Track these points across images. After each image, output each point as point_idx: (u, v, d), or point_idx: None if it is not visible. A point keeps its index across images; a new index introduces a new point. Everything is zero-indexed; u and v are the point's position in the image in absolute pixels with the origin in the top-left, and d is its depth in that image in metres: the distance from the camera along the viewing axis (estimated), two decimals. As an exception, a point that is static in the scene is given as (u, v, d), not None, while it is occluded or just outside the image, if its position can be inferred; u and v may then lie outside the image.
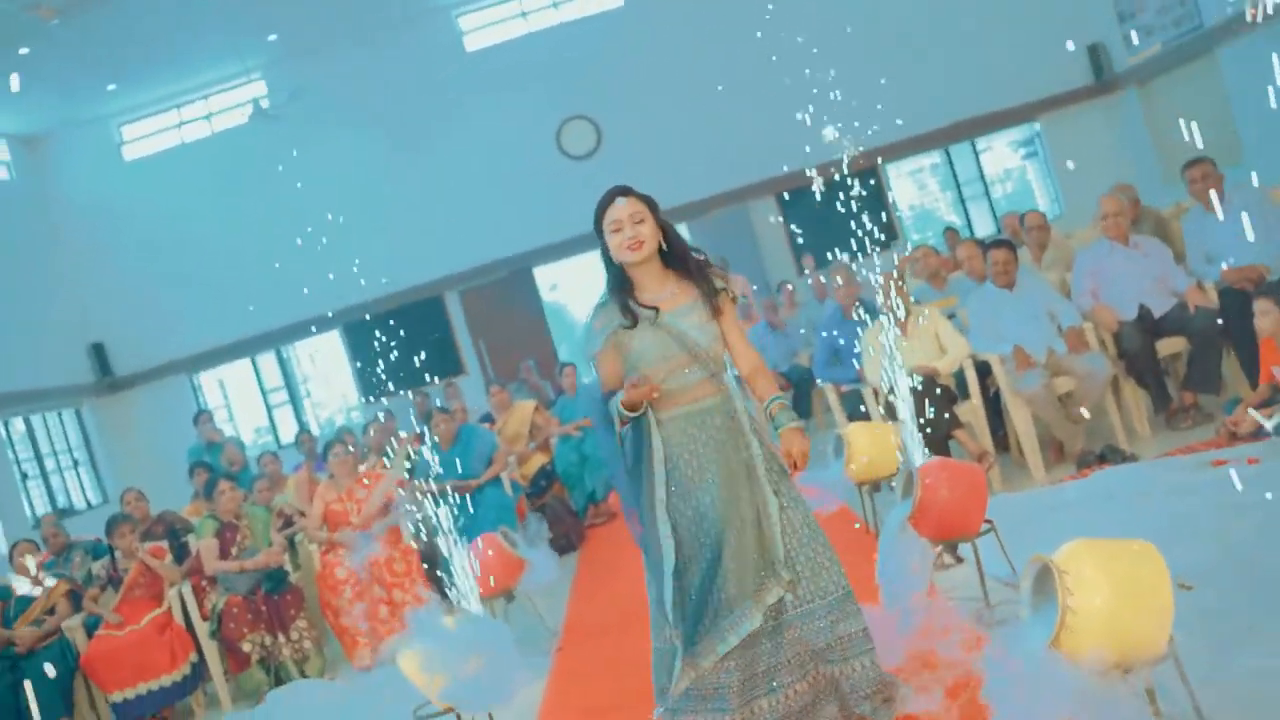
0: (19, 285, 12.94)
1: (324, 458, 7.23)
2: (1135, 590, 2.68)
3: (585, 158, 14.37)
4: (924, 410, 5.30)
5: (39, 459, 12.98)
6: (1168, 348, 6.25)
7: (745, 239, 14.29)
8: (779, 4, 13.05)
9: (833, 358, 7.19)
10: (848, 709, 3.14)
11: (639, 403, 3.10)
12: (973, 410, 6.23)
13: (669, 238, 3.29)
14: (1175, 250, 6.67)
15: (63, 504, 13.05)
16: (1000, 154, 15.50)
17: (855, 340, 6.69)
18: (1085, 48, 14.09)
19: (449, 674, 3.63)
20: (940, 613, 4.26)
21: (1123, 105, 14.05)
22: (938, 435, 5.76)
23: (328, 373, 15.47)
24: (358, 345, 14.36)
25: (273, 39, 13.76)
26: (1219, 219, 6.38)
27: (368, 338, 13.98)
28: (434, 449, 7.39)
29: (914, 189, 15.60)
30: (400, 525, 6.74)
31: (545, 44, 14.39)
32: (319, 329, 14.15)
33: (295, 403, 15.18)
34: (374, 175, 13.85)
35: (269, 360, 15.08)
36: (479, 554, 5.25)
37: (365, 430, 9.47)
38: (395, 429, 9.16)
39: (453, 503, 4.75)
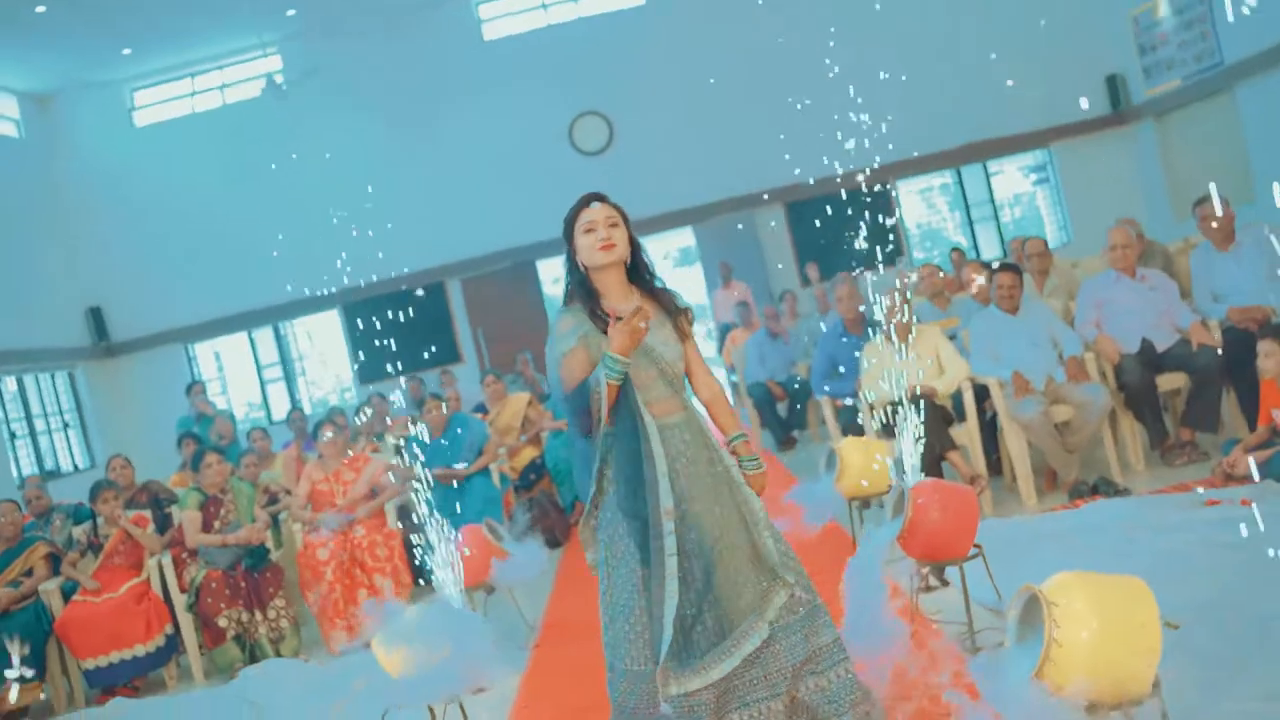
0: (20, 243, 12.90)
1: (314, 437, 7.19)
2: (1124, 627, 2.64)
3: (596, 154, 14.35)
4: (919, 429, 5.26)
5: (29, 419, 12.93)
6: (1168, 383, 6.22)
7: (750, 246, 14.26)
8: (800, 17, 13.08)
9: (831, 370, 7.16)
10: None
11: (632, 347, 2.97)
12: (968, 432, 6.20)
13: (636, 252, 3.24)
14: (1180, 286, 6.64)
15: (50, 466, 13.01)
16: (1011, 178, 15.48)
17: (855, 354, 6.65)
18: (1104, 77, 14.09)
19: (417, 661, 3.58)
20: (923, 636, 4.24)
21: (1138, 137, 14.04)
22: (932, 456, 5.72)
23: (324, 352, 15.43)
24: (356, 326, 14.33)
25: (291, 14, 13.72)
26: (1227, 257, 6.36)
27: (366, 319, 13.96)
28: (424, 436, 7.38)
29: (923, 207, 15.57)
30: (385, 510, 6.70)
31: (564, 37, 14.37)
32: (318, 308, 14.11)
33: (290, 380, 15.13)
34: (383, 158, 13.81)
35: (266, 335, 15.04)
36: (461, 544, 5.21)
37: (357, 412, 9.43)
38: (387, 413, 9.13)
39: (431, 486, 4.73)
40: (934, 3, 13.87)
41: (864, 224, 12.91)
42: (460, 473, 7.26)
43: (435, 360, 13.45)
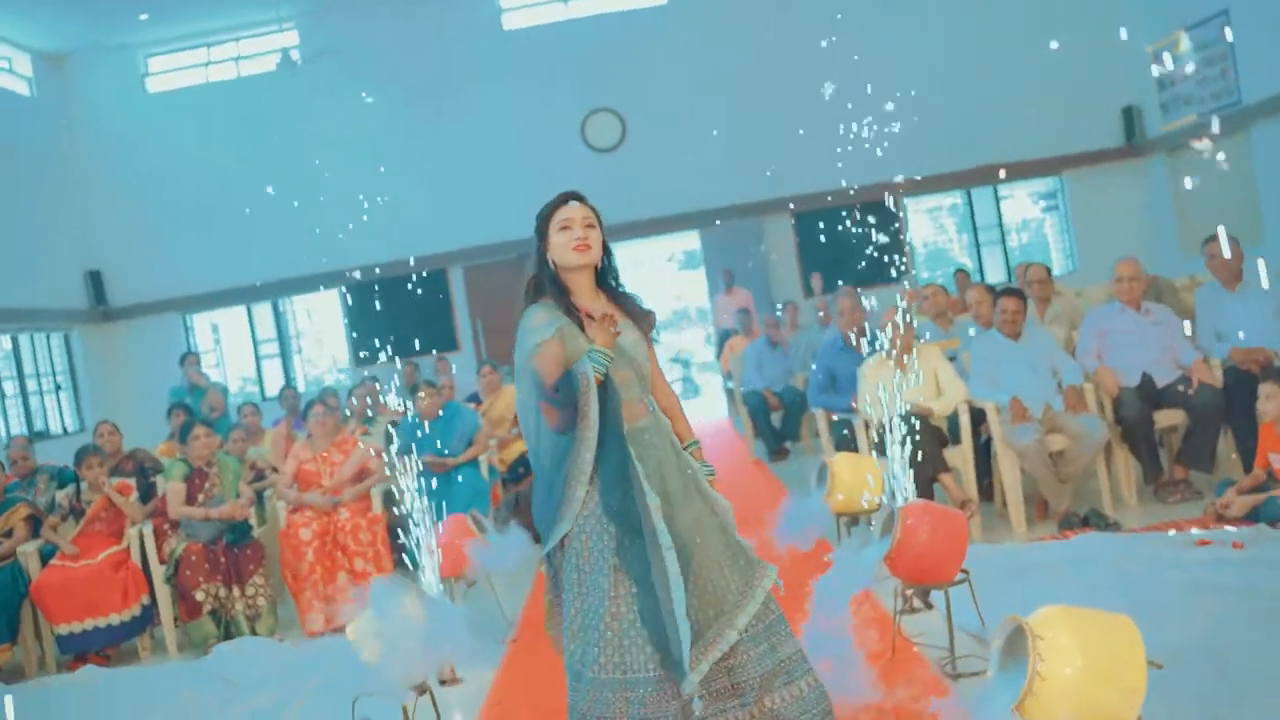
0: (24, 201, 12.84)
1: (304, 416, 7.14)
2: (1109, 666, 2.61)
3: (607, 151, 14.32)
4: (913, 449, 5.23)
5: (20, 379, 12.87)
6: (1166, 419, 6.18)
7: (756, 253, 14.23)
8: (821, 29, 13.03)
9: (828, 384, 7.13)
10: None
11: (612, 344, 2.97)
12: (962, 455, 6.16)
13: (607, 257, 3.20)
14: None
15: (39, 427, 12.95)
16: (1021, 203, 15.45)
17: (853, 369, 6.62)
18: (1120, 109, 14.06)
19: (387, 647, 3.55)
20: (904, 658, 4.20)
21: (1150, 171, 14.01)
22: (924, 477, 5.69)
23: (322, 331, 15.38)
24: (355, 307, 14.28)
25: (311, -10, 13.70)
26: (1233, 297, 6.33)
27: (366, 301, 13.90)
28: (416, 421, 7.34)
29: (930, 226, 15.54)
30: (371, 495, 6.66)
31: (583, 32, 14.33)
32: (319, 286, 14.05)
33: (285, 357, 15.09)
34: (394, 141, 13.76)
35: (265, 311, 14.99)
36: (445, 534, 5.18)
37: (350, 394, 9.39)
38: (380, 396, 9.09)
39: (421, 476, 4.70)
40: (956, 24, 13.82)
41: (871, 239, 12.88)
42: (449, 462, 7.21)
43: (432, 347, 13.40)
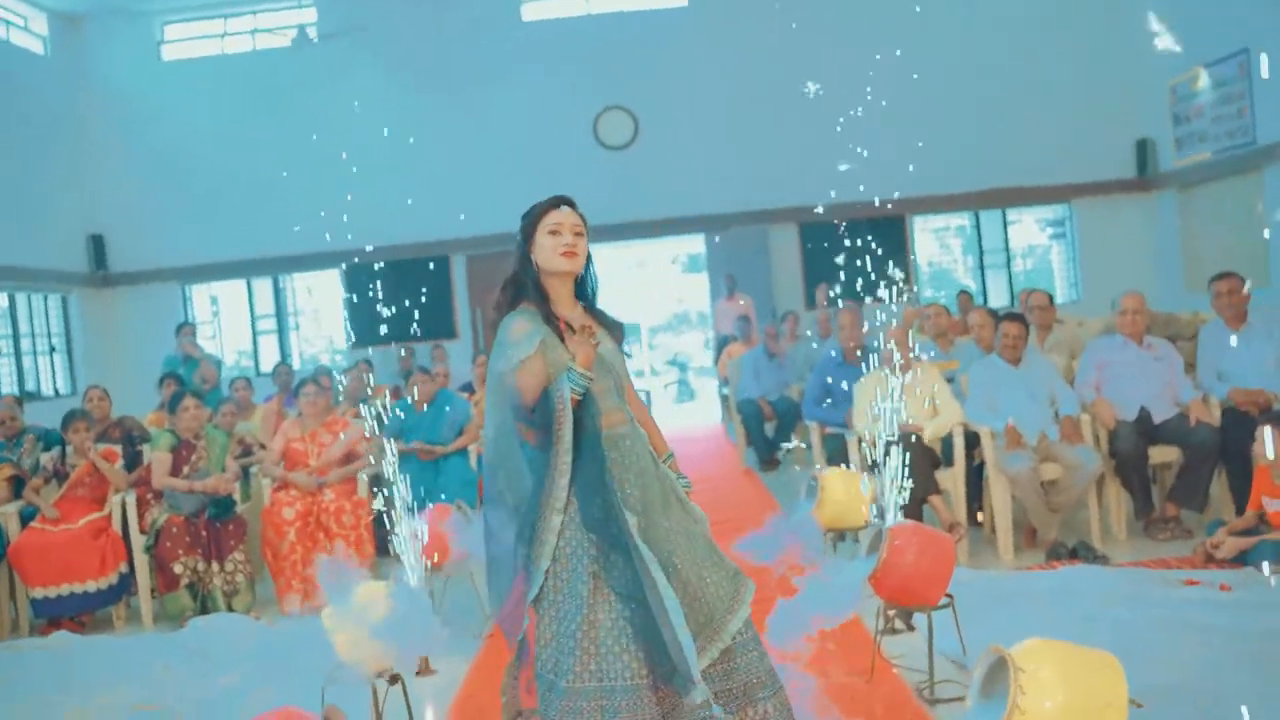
0: (31, 161, 12.79)
1: (296, 394, 7.10)
2: (1090, 702, 2.57)
3: (619, 149, 14.28)
4: (905, 469, 5.19)
5: (15, 339, 12.82)
6: (1160, 455, 6.14)
7: (760, 262, 14.20)
8: (839, 43, 13.01)
9: (824, 397, 7.10)
10: None
11: (592, 360, 2.91)
12: (953, 478, 6.12)
13: (590, 270, 3.16)
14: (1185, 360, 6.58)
15: (30, 388, 12.90)
16: (1028, 229, 15.43)
17: (850, 384, 6.58)
18: (1134, 141, 14.03)
19: (357, 633, 3.50)
20: (882, 679, 4.17)
21: (1160, 205, 13.98)
22: (914, 497, 5.65)
23: (320, 310, 15.34)
24: (356, 288, 14.23)
25: (332, -33, 13.65)
26: (1236, 337, 6.29)
27: (367, 283, 13.86)
28: (408, 407, 7.29)
29: (936, 246, 15.51)
30: (357, 478, 6.62)
31: (602, 28, 14.29)
32: (320, 265, 14.02)
33: (282, 333, 15.04)
34: (405, 125, 13.67)
35: (265, 286, 14.95)
36: (429, 522, 5.13)
37: (344, 374, 9.34)
38: (373, 379, 9.05)
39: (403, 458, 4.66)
40: (977, 47, 13.78)
41: (876, 255, 12.84)
42: (438, 450, 7.17)
43: (430, 334, 13.37)
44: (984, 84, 13.73)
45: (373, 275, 13.70)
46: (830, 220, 12.68)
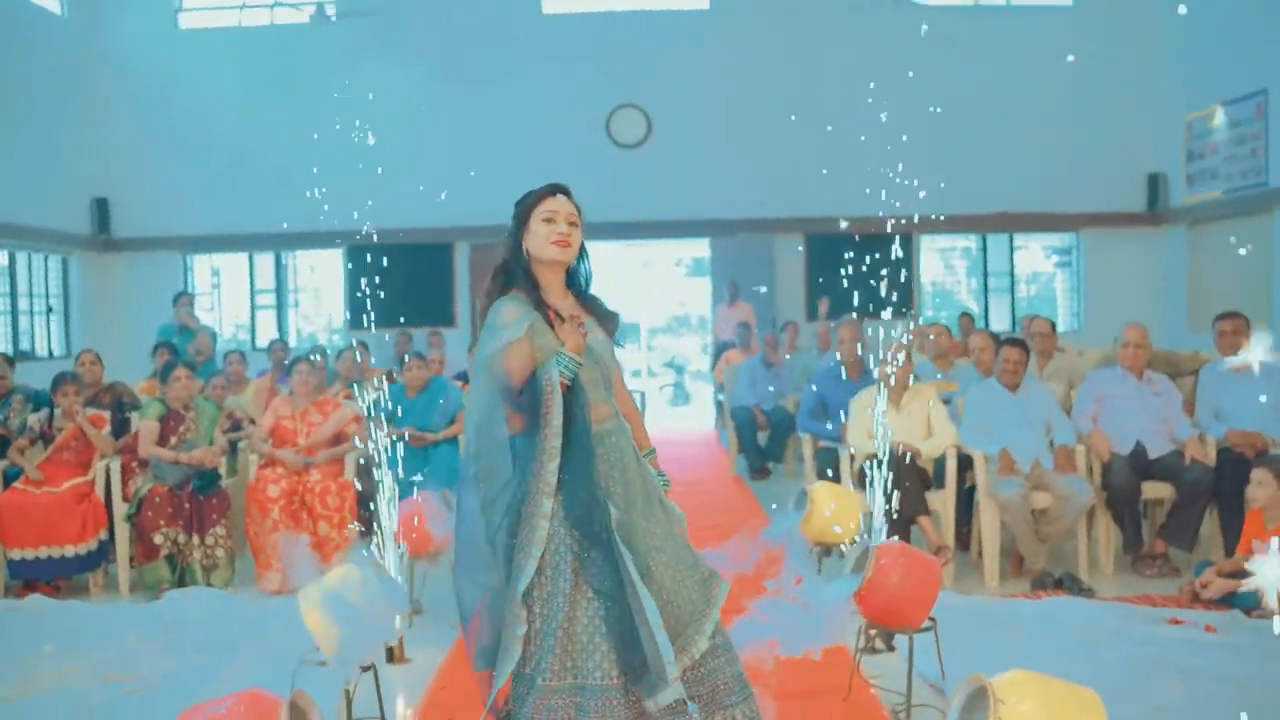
0: (41, 120, 12.72)
1: (289, 372, 7.05)
2: (1069, 739, 2.52)
3: (630, 147, 14.24)
4: (896, 487, 5.16)
5: (13, 297, 12.76)
6: (1153, 491, 6.10)
7: (764, 270, 14.16)
8: (857, 57, 12.97)
9: (819, 410, 7.06)
10: None
11: (581, 348, 2.89)
12: (943, 500, 6.08)
13: (582, 258, 3.12)
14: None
15: (24, 347, 12.84)
16: (1034, 255, 15.40)
17: (846, 398, 6.54)
18: (1145, 175, 14.00)
19: (328, 620, 3.46)
20: (859, 698, 4.13)
21: (1168, 240, 13.95)
22: (903, 517, 5.61)
23: (321, 288, 15.30)
24: (357, 269, 14.16)
25: (354, -53, 13.59)
26: (1237, 378, 6.25)
27: (369, 265, 13.80)
28: (400, 392, 7.25)
29: (941, 267, 15.48)
30: (345, 460, 6.57)
31: (621, 25, 14.23)
32: (323, 244, 13.97)
33: (281, 310, 14.99)
34: (418, 108, 13.65)
35: (267, 261, 14.89)
36: (413, 509, 5.10)
37: (338, 355, 9.29)
38: (368, 362, 9.01)
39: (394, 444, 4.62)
40: (992, 72, 13.73)
41: (880, 271, 12.80)
42: (428, 437, 7.12)
43: (429, 320, 13.32)
44: (999, 109, 13.68)
45: (376, 257, 13.58)
46: (836, 233, 12.64)
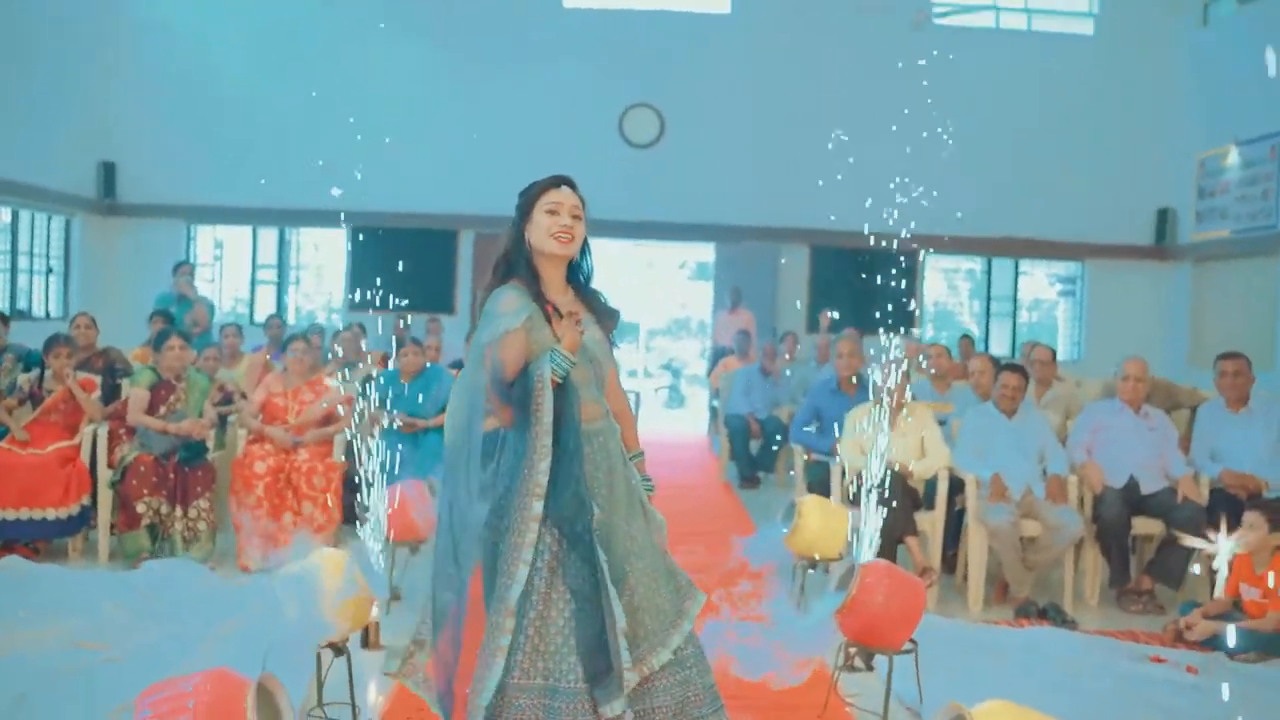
0: (52, 79, 12.65)
1: (284, 349, 7.01)
2: (1045, 775, 2.49)
3: (642, 147, 14.19)
4: (885, 506, 5.12)
5: (13, 255, 12.70)
6: (1143, 527, 6.07)
7: (767, 279, 14.11)
8: (874, 74, 12.93)
9: (813, 422, 7.02)
10: None
11: (578, 346, 2.85)
12: (932, 522, 6.05)
13: (584, 253, 3.08)
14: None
15: (21, 306, 12.78)
16: (1038, 281, 15.36)
17: (841, 412, 6.51)
18: (1155, 209, 13.98)
19: (298, 601, 3.43)
20: (835, 716, 4.10)
21: (1173, 276, 13.92)
22: (891, 537, 5.58)
23: (323, 267, 15.25)
24: (361, 251, 14.13)
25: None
26: (1235, 419, 6.22)
27: (372, 247, 13.77)
28: (394, 376, 7.21)
29: (944, 287, 15.46)
30: (334, 441, 6.53)
31: (641, 24, 14.17)
32: (328, 223, 13.92)
33: (281, 286, 14.93)
34: (431, 93, 13.62)
35: (270, 236, 14.83)
36: (397, 495, 5.06)
37: (335, 335, 9.26)
38: (364, 344, 8.97)
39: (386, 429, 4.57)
40: (1009, 98, 13.69)
41: (884, 288, 12.79)
42: (419, 423, 7.07)
43: (428, 306, 13.26)
44: (1013, 133, 13.65)
45: (380, 240, 13.60)
46: (842, 246, 12.64)
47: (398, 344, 8.00)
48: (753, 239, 14.08)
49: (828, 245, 13.67)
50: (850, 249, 12.12)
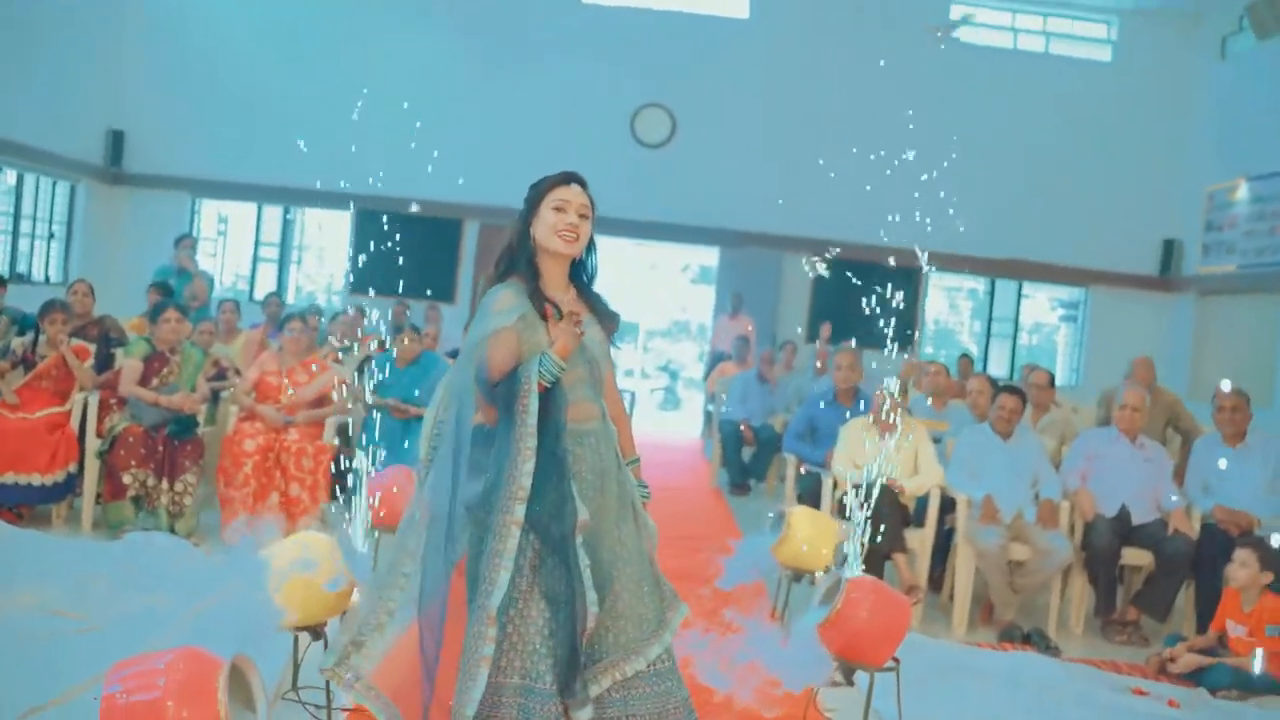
0: (65, 46, 12.59)
1: (281, 328, 6.97)
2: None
3: (652, 147, 14.16)
4: (875, 522, 5.09)
5: (16, 218, 12.65)
6: (1133, 557, 6.03)
7: (769, 286, 14.08)
8: (891, 90, 12.90)
9: (807, 433, 7.00)
10: None
11: (572, 350, 2.80)
12: (921, 540, 6.01)
13: (590, 251, 3.04)
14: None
15: (21, 269, 12.73)
16: (1040, 305, 15.34)
17: (836, 425, 6.48)
18: (1162, 240, 13.95)
19: (282, 581, 3.39)
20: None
21: (1176, 308, 13.89)
22: (879, 552, 5.55)
23: (326, 248, 15.22)
24: (365, 234, 14.08)
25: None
26: (1231, 454, 6.19)
27: (376, 231, 13.72)
28: (389, 362, 7.17)
29: (946, 306, 15.44)
30: (325, 424, 6.49)
31: (658, 25, 14.14)
32: (333, 205, 13.88)
33: (283, 265, 14.89)
34: (444, 80, 13.58)
35: (275, 214, 14.79)
36: (385, 481, 5.02)
37: (333, 317, 9.22)
38: (361, 328, 8.93)
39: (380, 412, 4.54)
40: (1022, 121, 13.66)
41: (886, 302, 12.75)
42: (412, 410, 7.03)
43: (429, 293, 13.21)
44: (1025, 155, 13.63)
45: (384, 224, 13.54)
46: (846, 259, 12.59)
47: (395, 329, 7.97)
48: (757, 245, 14.04)
49: (832, 257, 13.61)
50: (854, 261, 12.13)
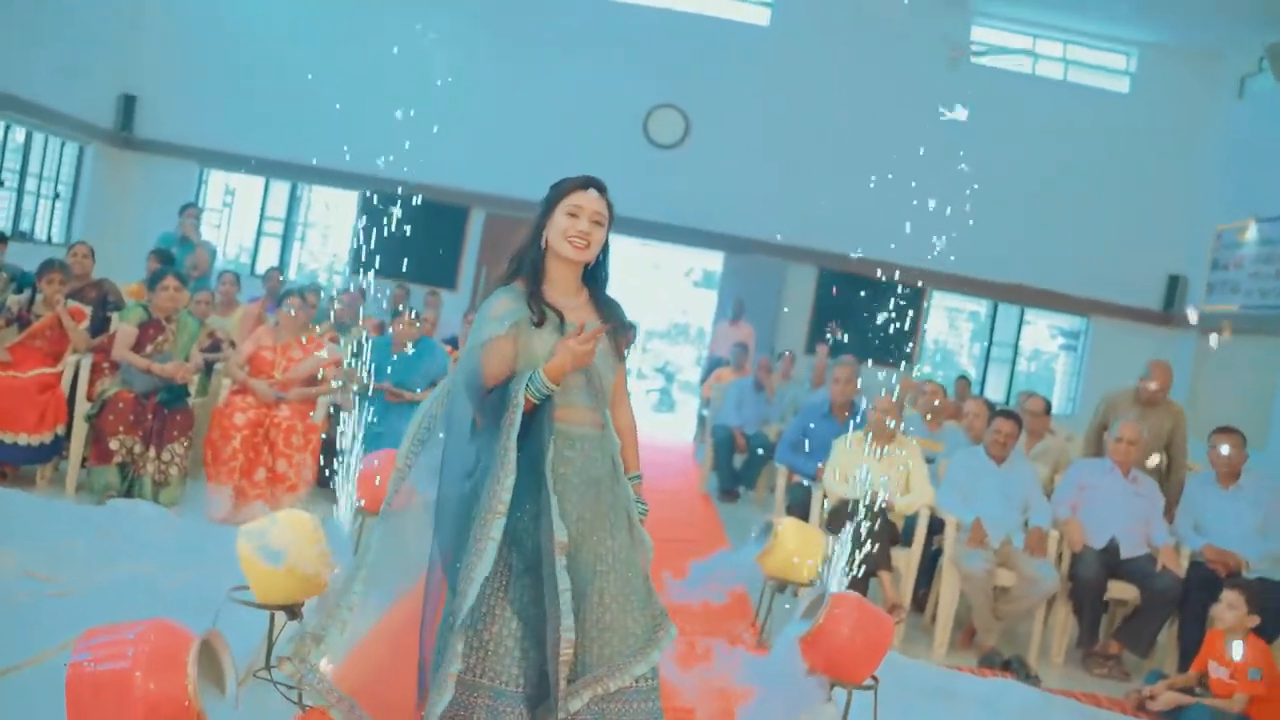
0: (85, 4, 12.55)
1: (279, 303, 6.94)
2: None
3: (664, 148, 14.11)
4: (863, 537, 5.05)
5: (23, 175, 12.60)
6: (1118, 591, 6.00)
7: (771, 295, 14.03)
8: (906, 106, 12.88)
9: (800, 444, 6.96)
10: None
11: (570, 371, 2.77)
12: (907, 559, 5.98)
13: (604, 257, 3.00)
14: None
15: (24, 227, 12.69)
16: (1040, 332, 15.32)
17: (830, 438, 6.44)
18: (1167, 275, 13.93)
19: (260, 559, 3.35)
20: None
21: (1176, 344, 13.86)
22: (865, 569, 5.51)
23: (331, 227, 15.18)
24: (370, 215, 14.02)
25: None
26: (1224, 495, 6.16)
27: (383, 213, 13.66)
28: (386, 345, 7.14)
29: (946, 326, 15.42)
30: (318, 402, 6.46)
31: (677, 25, 14.10)
32: (340, 184, 13.87)
33: (287, 241, 14.84)
34: (461, 68, 13.48)
35: (282, 189, 14.74)
36: (374, 465, 4.98)
37: (332, 296, 9.18)
38: (360, 309, 8.90)
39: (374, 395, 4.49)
40: (1036, 143, 13.63)
41: (887, 319, 12.73)
42: (406, 395, 7.00)
43: (430, 279, 13.18)
44: (1034, 180, 13.60)
45: (390, 207, 13.49)
46: (850, 272, 12.57)
47: (394, 312, 7.94)
48: (762, 253, 14.00)
49: (836, 269, 13.59)
50: (858, 275, 12.10)
